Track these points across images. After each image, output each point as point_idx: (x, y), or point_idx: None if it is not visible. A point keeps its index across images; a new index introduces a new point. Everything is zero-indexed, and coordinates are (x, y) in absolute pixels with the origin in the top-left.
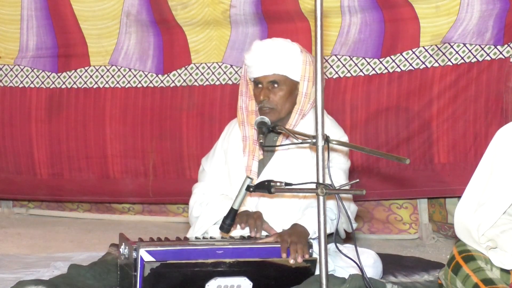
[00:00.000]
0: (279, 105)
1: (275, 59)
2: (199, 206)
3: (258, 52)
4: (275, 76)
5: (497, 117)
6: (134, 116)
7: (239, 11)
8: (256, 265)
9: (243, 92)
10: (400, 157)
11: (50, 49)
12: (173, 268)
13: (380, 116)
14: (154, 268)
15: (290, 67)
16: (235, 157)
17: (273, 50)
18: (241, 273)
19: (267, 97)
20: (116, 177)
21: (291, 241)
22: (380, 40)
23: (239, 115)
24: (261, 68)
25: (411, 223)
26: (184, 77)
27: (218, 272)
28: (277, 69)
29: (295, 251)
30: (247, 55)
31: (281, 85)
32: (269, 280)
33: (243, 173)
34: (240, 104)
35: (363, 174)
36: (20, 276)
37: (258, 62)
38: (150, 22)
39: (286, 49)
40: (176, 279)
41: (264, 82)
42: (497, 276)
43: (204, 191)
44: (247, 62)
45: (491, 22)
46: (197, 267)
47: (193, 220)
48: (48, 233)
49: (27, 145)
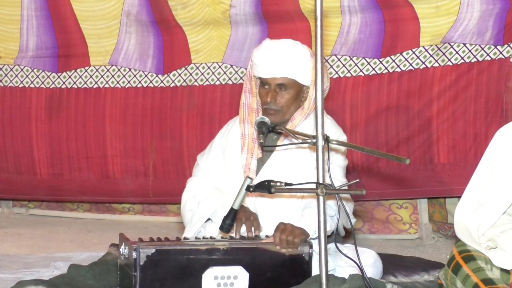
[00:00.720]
0: (285, 108)
1: (286, 62)
2: (193, 199)
3: (268, 52)
4: (284, 79)
5: (497, 117)
6: (134, 116)
7: (239, 11)
8: (250, 252)
9: (247, 89)
10: (400, 157)
11: (50, 49)
12: (168, 256)
13: (380, 116)
14: (150, 255)
15: (300, 71)
16: (233, 155)
17: (285, 53)
18: (236, 262)
19: (274, 99)
20: (116, 177)
21: (285, 228)
22: (380, 40)
23: (241, 112)
24: (271, 70)
25: (411, 223)
26: (184, 77)
27: (213, 260)
28: (287, 73)
29: (285, 236)
30: (257, 52)
31: (289, 89)
32: (265, 269)
33: (240, 171)
34: (244, 101)
35: (363, 174)
36: (20, 276)
37: (268, 62)
38: (150, 22)
39: (297, 53)
40: (172, 269)
41: (272, 84)
42: (497, 276)
43: (198, 185)
44: (255, 60)
45: (491, 22)
46: (191, 254)
47: (186, 213)
48: (48, 233)
49: (27, 145)
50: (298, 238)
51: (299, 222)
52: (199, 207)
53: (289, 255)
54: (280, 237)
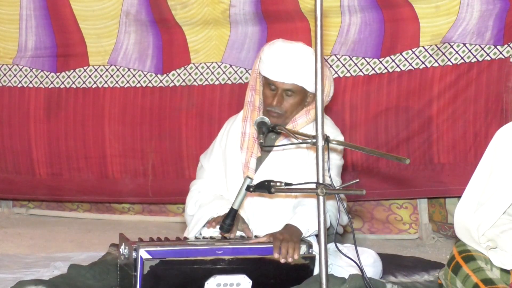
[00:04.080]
0: (288, 112)
1: (297, 68)
2: (194, 205)
3: (281, 55)
4: (293, 85)
5: (497, 117)
6: (133, 116)
7: (238, 11)
8: (255, 262)
9: (253, 86)
10: (400, 157)
11: (49, 48)
12: (172, 266)
13: (379, 116)
14: (154, 265)
15: (309, 79)
16: (233, 153)
17: (297, 59)
18: (240, 270)
19: (280, 103)
20: (115, 177)
21: (283, 239)
22: (380, 40)
23: (245, 110)
24: (281, 74)
25: (411, 223)
26: (183, 77)
27: (217, 269)
28: (296, 80)
29: (286, 250)
30: (268, 51)
31: (295, 94)
32: (268, 277)
33: (240, 170)
34: (249, 99)
35: (363, 174)
36: (20, 276)
37: (279, 65)
38: (149, 22)
39: (309, 61)
40: (175, 278)
41: (279, 88)
42: (497, 276)
43: (201, 189)
44: (264, 58)
45: (491, 22)
46: (196, 264)
47: (187, 218)
48: (48, 233)
49: (26, 145)
50: (298, 251)
51: (291, 220)
52: (196, 213)
53: (294, 264)
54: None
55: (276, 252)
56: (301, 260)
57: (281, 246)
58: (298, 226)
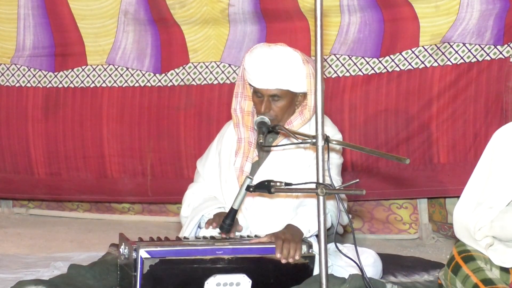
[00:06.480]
0: (279, 116)
1: (278, 73)
2: (187, 207)
3: (260, 62)
4: (277, 90)
5: (497, 117)
6: (132, 115)
7: (237, 10)
8: (254, 261)
9: (239, 94)
10: (400, 157)
11: (47, 48)
12: (172, 265)
13: (379, 115)
14: (153, 265)
15: (293, 81)
16: (227, 158)
17: (277, 64)
18: (240, 270)
19: (268, 109)
20: (114, 176)
21: (285, 239)
22: (379, 39)
23: (233, 117)
24: (263, 81)
25: (411, 223)
26: (182, 77)
27: (217, 269)
28: (280, 84)
29: (287, 251)
30: (248, 59)
31: (282, 98)
32: (268, 277)
33: (234, 174)
34: (234, 106)
35: (363, 174)
36: (20, 276)
37: (260, 74)
38: (148, 21)
39: (290, 63)
40: (175, 277)
41: (265, 95)
42: (497, 276)
43: (195, 191)
44: (247, 68)
45: (491, 22)
46: (195, 263)
47: (182, 219)
48: (48, 233)
49: (24, 145)
50: (299, 251)
51: (292, 220)
52: (189, 214)
53: (294, 263)
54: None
55: (279, 252)
56: (301, 259)
57: (282, 246)
58: (299, 226)
